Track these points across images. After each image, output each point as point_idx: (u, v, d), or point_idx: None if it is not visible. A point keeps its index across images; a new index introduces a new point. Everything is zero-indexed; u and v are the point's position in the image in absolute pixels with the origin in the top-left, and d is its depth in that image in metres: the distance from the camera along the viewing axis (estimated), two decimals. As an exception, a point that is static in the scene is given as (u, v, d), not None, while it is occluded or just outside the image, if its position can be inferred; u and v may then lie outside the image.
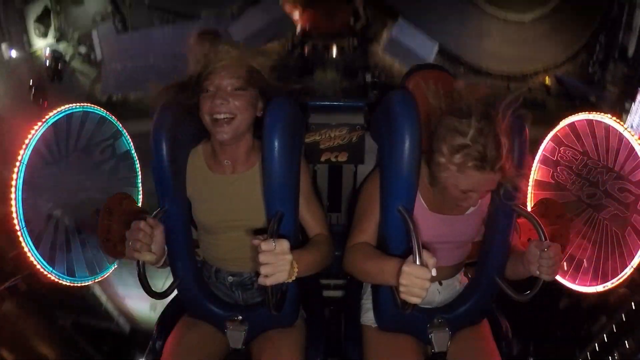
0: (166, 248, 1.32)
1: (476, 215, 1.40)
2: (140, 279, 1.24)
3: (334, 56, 8.22)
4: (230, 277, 1.47)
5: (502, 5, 8.42)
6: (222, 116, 1.25)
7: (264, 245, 1.06)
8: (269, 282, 1.08)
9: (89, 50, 8.90)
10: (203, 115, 1.28)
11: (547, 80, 8.06)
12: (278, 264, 1.07)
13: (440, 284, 1.47)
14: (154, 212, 1.30)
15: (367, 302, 1.55)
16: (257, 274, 1.09)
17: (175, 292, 1.45)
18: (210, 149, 1.40)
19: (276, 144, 1.21)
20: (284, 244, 1.08)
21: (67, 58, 8.54)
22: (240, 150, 1.35)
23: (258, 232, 1.32)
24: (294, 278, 1.13)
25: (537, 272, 1.22)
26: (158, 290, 1.33)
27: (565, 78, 8.00)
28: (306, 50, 8.05)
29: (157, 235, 1.23)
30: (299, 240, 1.36)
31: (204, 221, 1.41)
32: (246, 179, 1.37)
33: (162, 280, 1.46)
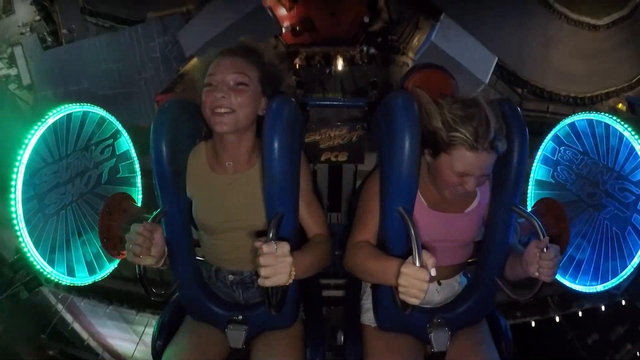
0: (166, 249, 1.32)
1: (475, 213, 1.39)
2: (141, 282, 1.24)
3: (339, 71, 5.34)
4: (230, 276, 1.47)
5: (573, 7, 6.09)
6: (222, 110, 1.25)
7: (266, 248, 1.07)
8: (268, 283, 1.09)
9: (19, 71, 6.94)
10: (204, 109, 1.28)
11: (621, 106, 6.12)
12: (278, 266, 1.08)
13: (439, 283, 1.47)
14: (154, 213, 1.30)
15: (367, 302, 1.55)
16: (257, 274, 1.09)
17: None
18: (212, 148, 1.39)
19: (276, 143, 1.21)
20: (285, 247, 1.09)
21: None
22: (242, 149, 1.35)
23: (259, 234, 1.32)
24: (292, 280, 1.13)
25: (536, 274, 1.22)
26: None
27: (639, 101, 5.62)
28: (296, 64, 5.18)
29: (156, 238, 1.23)
30: (299, 241, 1.36)
31: (204, 221, 1.41)
32: (247, 178, 1.37)
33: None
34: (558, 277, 1.62)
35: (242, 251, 1.38)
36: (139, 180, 1.78)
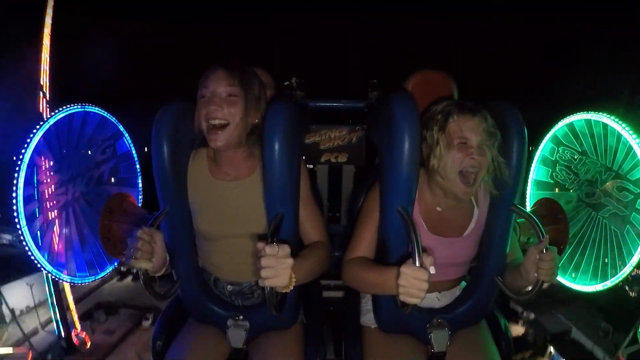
0: (167, 256, 1.32)
1: (473, 236, 1.42)
2: (143, 282, 1.25)
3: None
4: (229, 287, 1.47)
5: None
6: (216, 122, 1.27)
7: (268, 249, 1.07)
8: (268, 283, 1.09)
9: None
10: (200, 122, 1.30)
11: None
12: (279, 267, 1.08)
13: (440, 291, 1.48)
14: (156, 214, 1.30)
15: (367, 304, 1.55)
16: (257, 281, 1.10)
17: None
18: (212, 153, 1.40)
19: (276, 147, 1.21)
20: (286, 249, 1.10)
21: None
22: (239, 157, 1.36)
23: (259, 237, 1.32)
24: (292, 287, 1.14)
25: (535, 274, 1.23)
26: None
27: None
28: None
29: (157, 242, 1.24)
30: (299, 244, 1.37)
31: (203, 227, 1.41)
32: (247, 186, 1.37)
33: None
34: (558, 276, 1.62)
35: (241, 259, 1.38)
36: (139, 180, 1.79)
